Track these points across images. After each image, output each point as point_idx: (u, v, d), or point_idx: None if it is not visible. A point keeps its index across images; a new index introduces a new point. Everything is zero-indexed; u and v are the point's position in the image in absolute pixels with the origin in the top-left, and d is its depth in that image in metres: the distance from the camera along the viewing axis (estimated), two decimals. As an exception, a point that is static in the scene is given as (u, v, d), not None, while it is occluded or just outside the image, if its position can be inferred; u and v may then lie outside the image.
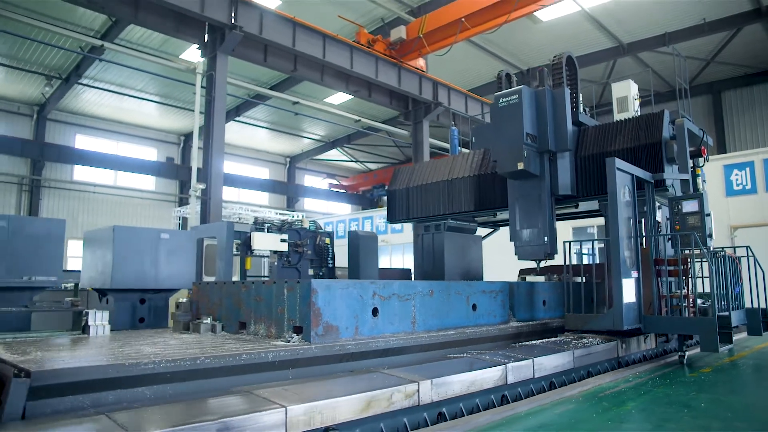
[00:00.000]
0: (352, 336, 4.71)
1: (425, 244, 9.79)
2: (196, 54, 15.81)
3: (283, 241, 9.58)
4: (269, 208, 23.52)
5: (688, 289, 6.36)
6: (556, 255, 7.50)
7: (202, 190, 12.02)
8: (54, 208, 23.26)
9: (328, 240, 10.43)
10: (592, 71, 20.99)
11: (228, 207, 18.98)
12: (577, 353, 5.52)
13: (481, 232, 10.76)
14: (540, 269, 8.63)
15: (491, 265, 11.90)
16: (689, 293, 6.34)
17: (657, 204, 7.19)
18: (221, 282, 5.95)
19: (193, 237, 8.68)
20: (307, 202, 32.52)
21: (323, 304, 4.53)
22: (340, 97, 22.18)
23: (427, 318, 5.49)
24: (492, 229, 11.02)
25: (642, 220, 6.80)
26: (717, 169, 13.82)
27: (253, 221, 9.76)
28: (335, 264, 10.81)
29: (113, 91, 21.52)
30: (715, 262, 6.25)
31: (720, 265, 6.46)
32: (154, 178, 26.18)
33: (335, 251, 10.94)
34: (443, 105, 18.07)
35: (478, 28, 14.45)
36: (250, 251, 9.30)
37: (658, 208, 7.27)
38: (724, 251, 6.85)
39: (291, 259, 9.84)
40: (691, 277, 6.34)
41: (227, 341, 4.65)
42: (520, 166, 7.10)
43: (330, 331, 4.55)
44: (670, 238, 7.02)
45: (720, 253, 6.71)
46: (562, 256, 7.12)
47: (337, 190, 33.87)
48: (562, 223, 9.21)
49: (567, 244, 6.98)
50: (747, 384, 5.44)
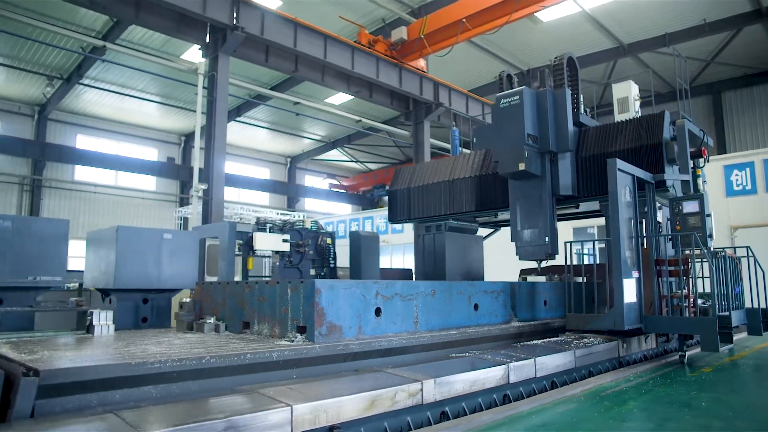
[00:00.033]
0: (355, 336, 4.74)
1: (426, 244, 9.82)
2: (197, 54, 15.85)
3: (285, 241, 9.61)
4: (270, 209, 23.51)
5: (688, 289, 6.39)
6: (557, 255, 7.54)
7: (204, 190, 12.04)
8: (55, 208, 23.28)
9: (329, 240, 10.47)
10: (592, 72, 21.02)
11: (229, 207, 18.97)
12: (579, 353, 5.56)
13: (482, 232, 10.79)
14: (541, 269, 8.67)
15: (492, 266, 11.93)
16: (690, 293, 6.37)
17: (658, 204, 7.22)
18: (224, 282, 5.98)
19: (196, 237, 8.71)
20: (307, 203, 32.54)
21: (327, 304, 4.57)
22: (340, 98, 22.20)
23: (430, 318, 5.52)
24: (493, 230, 11.05)
25: (643, 220, 6.84)
26: (717, 169, 13.85)
27: (255, 221, 9.79)
28: (336, 264, 10.84)
29: (114, 92, 21.54)
30: (715, 262, 6.28)
31: (720, 266, 6.49)
32: (155, 178, 26.21)
33: (336, 251, 10.97)
34: (444, 105, 18.12)
35: (479, 28, 14.48)
36: (253, 251, 9.34)
37: (658, 208, 7.30)
38: (725, 251, 6.89)
39: (293, 259, 9.88)
40: (691, 277, 6.38)
41: (231, 341, 4.68)
42: (522, 167, 7.14)
43: (333, 330, 4.59)
44: (671, 238, 7.05)
45: (720, 253, 6.74)
46: (563, 256, 7.16)
47: (338, 191, 33.89)
48: (563, 224, 9.23)
49: (568, 245, 7.01)
50: (747, 383, 5.47)
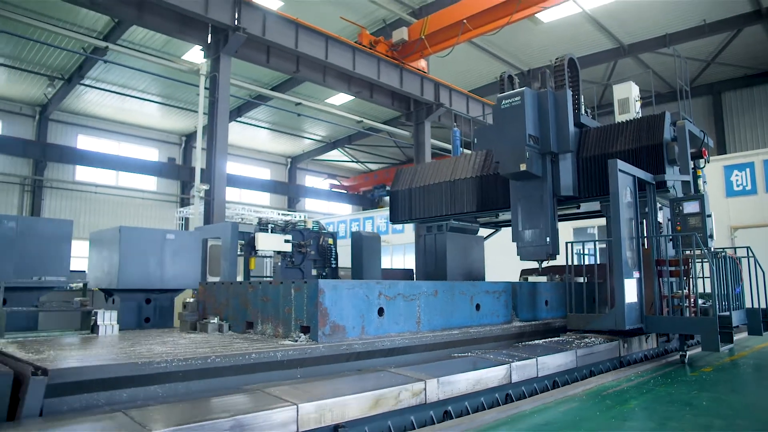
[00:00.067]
0: (358, 335, 4.78)
1: (427, 244, 9.84)
2: (197, 55, 15.89)
3: (286, 241, 9.64)
4: (271, 209, 23.57)
5: (689, 290, 6.42)
6: (558, 255, 7.57)
7: (206, 190, 12.07)
8: (56, 209, 23.31)
9: (331, 240, 10.48)
10: (592, 72, 21.05)
11: (230, 207, 19.03)
12: (580, 353, 5.59)
13: (483, 232, 10.81)
14: (542, 270, 8.71)
15: (493, 266, 11.95)
16: (690, 293, 6.40)
17: (658, 205, 7.25)
18: (228, 282, 6.02)
19: (198, 237, 8.75)
20: (308, 203, 32.57)
21: (330, 304, 4.60)
22: (341, 98, 22.23)
23: (432, 318, 5.56)
24: (494, 230, 11.08)
25: (644, 221, 6.87)
26: (717, 169, 13.88)
27: (257, 222, 9.81)
28: (338, 264, 10.86)
29: (115, 92, 21.56)
30: (715, 262, 6.31)
31: (721, 266, 6.52)
32: (156, 178, 26.23)
33: (337, 252, 10.99)
34: (445, 106, 18.15)
35: (480, 29, 14.50)
36: (255, 252, 9.36)
37: (659, 209, 7.33)
38: (725, 252, 6.92)
39: (294, 259, 9.90)
40: (692, 277, 6.41)
41: (235, 341, 4.71)
42: (523, 168, 7.17)
43: (337, 330, 4.62)
44: (672, 238, 7.08)
45: (721, 253, 6.77)
46: (563, 256, 7.19)
47: (338, 191, 33.93)
48: (563, 224, 9.25)
49: (569, 245, 7.04)
50: (748, 383, 5.50)
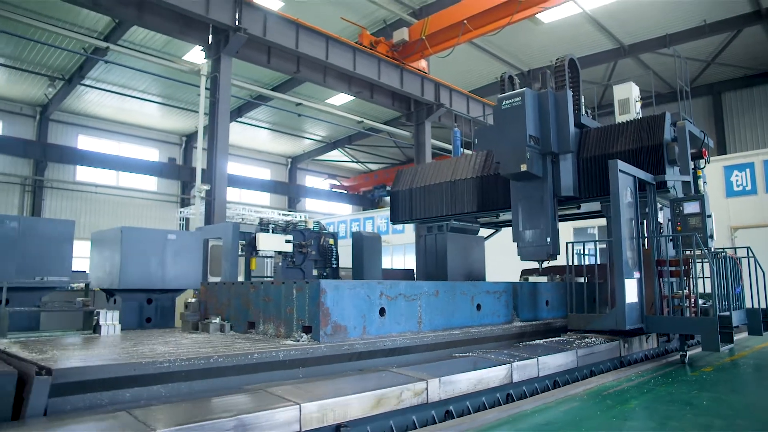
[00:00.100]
0: (360, 335, 4.79)
1: (428, 244, 9.86)
2: (198, 55, 15.89)
3: (287, 241, 9.65)
4: (271, 209, 23.60)
5: (689, 290, 6.43)
6: (559, 255, 7.59)
7: (207, 191, 12.09)
8: (56, 209, 23.33)
9: (332, 240, 10.49)
10: (593, 72, 21.07)
11: (231, 207, 19.06)
12: (581, 353, 5.61)
13: (484, 232, 10.83)
14: (542, 270, 8.72)
15: (493, 266, 11.96)
16: (691, 293, 6.42)
17: (659, 205, 7.26)
18: (230, 282, 6.03)
19: (199, 238, 8.76)
20: (308, 203, 32.59)
21: (332, 304, 4.62)
22: (341, 98, 22.24)
23: (433, 318, 5.57)
24: (494, 230, 11.10)
25: (644, 221, 6.88)
26: (717, 170, 13.89)
27: (258, 222, 9.82)
28: (339, 264, 10.88)
29: (116, 92, 21.57)
30: (716, 262, 6.32)
31: (721, 266, 6.54)
32: (156, 178, 26.24)
33: (338, 252, 11.00)
34: (445, 106, 18.17)
35: (481, 30, 14.51)
36: (255, 252, 9.37)
37: (659, 209, 7.35)
38: (725, 252, 6.93)
39: (295, 259, 9.91)
40: (692, 277, 6.42)
41: (237, 341, 4.73)
42: (523, 168, 7.19)
43: (339, 330, 4.64)
44: (672, 239, 7.10)
45: (721, 253, 6.79)
46: (564, 256, 7.20)
47: (338, 191, 33.94)
48: (563, 224, 9.27)
49: (569, 245, 7.06)
50: (748, 383, 5.52)
